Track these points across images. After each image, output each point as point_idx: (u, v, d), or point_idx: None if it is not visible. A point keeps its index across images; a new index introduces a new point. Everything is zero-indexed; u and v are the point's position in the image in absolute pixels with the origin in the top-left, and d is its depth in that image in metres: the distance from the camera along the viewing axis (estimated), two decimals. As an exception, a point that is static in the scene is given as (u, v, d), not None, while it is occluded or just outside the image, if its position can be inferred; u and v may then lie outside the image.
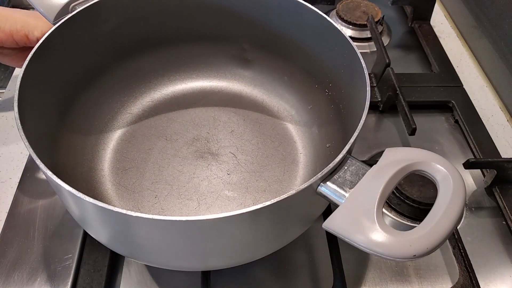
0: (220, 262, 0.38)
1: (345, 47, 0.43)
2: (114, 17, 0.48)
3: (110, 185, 0.48)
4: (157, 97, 0.56)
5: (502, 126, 0.61)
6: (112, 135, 0.52)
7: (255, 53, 0.55)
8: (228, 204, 0.47)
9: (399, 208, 0.48)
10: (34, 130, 0.37)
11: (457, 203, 0.31)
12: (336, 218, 0.31)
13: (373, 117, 0.60)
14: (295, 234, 0.40)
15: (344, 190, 0.33)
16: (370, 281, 0.45)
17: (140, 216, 0.29)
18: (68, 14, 0.44)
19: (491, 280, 0.45)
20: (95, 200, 0.30)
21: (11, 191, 0.50)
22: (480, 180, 0.54)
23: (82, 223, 0.38)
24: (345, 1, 0.73)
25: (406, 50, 0.71)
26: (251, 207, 0.30)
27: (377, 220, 0.30)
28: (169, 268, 0.42)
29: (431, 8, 0.73)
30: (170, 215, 0.45)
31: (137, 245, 0.36)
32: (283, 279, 0.45)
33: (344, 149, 0.34)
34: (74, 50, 0.46)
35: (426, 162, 0.33)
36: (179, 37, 0.54)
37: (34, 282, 0.43)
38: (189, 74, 0.57)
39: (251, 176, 0.49)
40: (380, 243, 0.29)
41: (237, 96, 0.57)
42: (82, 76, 0.48)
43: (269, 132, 0.53)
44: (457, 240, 0.46)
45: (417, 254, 0.29)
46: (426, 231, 0.30)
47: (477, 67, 0.70)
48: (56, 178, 0.31)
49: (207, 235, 0.33)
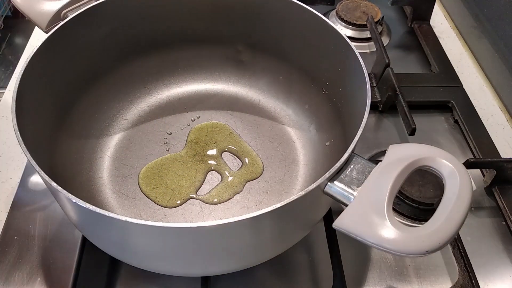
0: (222, 268, 0.38)
1: (341, 45, 0.43)
2: (107, 23, 0.48)
3: (110, 193, 0.47)
4: (152, 102, 0.56)
5: (501, 126, 0.61)
6: (109, 142, 0.51)
7: (249, 54, 0.55)
8: (231, 207, 0.47)
9: (399, 208, 0.48)
10: (32, 140, 0.36)
11: (465, 198, 0.31)
12: (346, 217, 0.31)
13: (373, 117, 0.60)
14: (298, 237, 0.40)
15: (352, 189, 0.33)
16: (370, 281, 0.45)
17: (143, 224, 0.29)
18: (61, 21, 0.43)
19: (490, 280, 0.45)
20: (97, 208, 0.29)
21: (12, 191, 0.50)
22: (479, 180, 0.54)
23: (83, 231, 0.38)
24: (344, 1, 0.73)
25: (405, 50, 0.71)
26: (263, 209, 0.30)
27: (388, 217, 0.30)
28: (170, 274, 0.42)
29: (431, 8, 0.73)
30: (173, 221, 0.45)
31: (138, 252, 0.36)
32: (283, 279, 0.45)
33: (349, 148, 0.34)
34: (68, 56, 0.45)
35: (432, 158, 0.33)
36: (173, 40, 0.54)
37: (34, 282, 0.43)
38: (184, 77, 0.57)
39: (252, 177, 0.49)
40: (392, 240, 0.29)
41: (233, 98, 0.57)
42: (76, 82, 0.48)
43: (267, 133, 0.53)
44: (456, 240, 0.46)
45: (430, 249, 0.29)
46: (437, 226, 0.30)
47: (476, 67, 0.70)
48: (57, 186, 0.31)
49: (212, 241, 0.32)
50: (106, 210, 0.29)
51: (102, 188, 0.48)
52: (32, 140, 0.36)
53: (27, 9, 0.45)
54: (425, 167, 0.33)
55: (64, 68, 0.45)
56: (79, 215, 0.34)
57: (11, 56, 1.40)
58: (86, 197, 0.45)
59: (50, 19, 0.45)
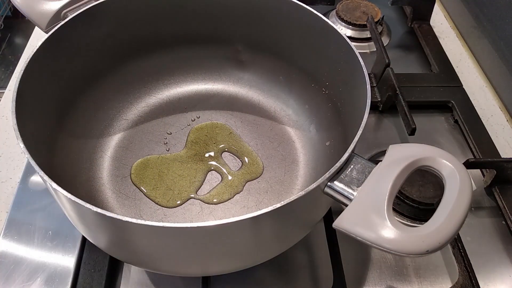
0: (222, 268, 0.38)
1: (341, 45, 0.43)
2: (107, 23, 0.48)
3: (110, 193, 0.47)
4: (152, 102, 0.56)
5: (501, 126, 0.61)
6: (109, 142, 0.51)
7: (249, 54, 0.55)
8: (231, 207, 0.47)
9: (399, 208, 0.48)
10: (32, 140, 0.36)
11: (465, 197, 0.31)
12: (346, 217, 0.31)
13: (373, 117, 0.60)
14: (298, 237, 0.40)
15: (352, 189, 0.33)
16: (370, 281, 0.45)
17: (143, 224, 0.29)
18: (60, 22, 0.43)
19: (490, 280, 0.45)
20: (97, 208, 0.29)
21: (12, 191, 0.50)
22: (479, 180, 0.54)
23: (83, 231, 0.38)
24: (344, 1, 0.73)
25: (405, 50, 0.71)
26: (263, 209, 0.30)
27: (388, 217, 0.30)
28: (170, 274, 0.42)
29: (431, 8, 0.73)
30: (173, 221, 0.45)
31: (138, 252, 0.36)
32: (283, 279, 0.45)
33: (349, 148, 0.34)
34: (68, 56, 0.45)
35: (432, 158, 0.33)
36: (172, 40, 0.54)
37: (34, 282, 0.43)
38: (184, 77, 0.57)
39: (252, 177, 0.49)
40: (392, 240, 0.29)
41: (233, 98, 0.57)
42: (76, 82, 0.48)
43: (267, 133, 0.53)
44: (456, 240, 0.46)
45: (430, 249, 0.29)
46: (437, 226, 0.30)
47: (476, 67, 0.70)
48: (57, 186, 0.31)
49: (212, 241, 0.32)
50: (106, 210, 0.29)
51: (102, 188, 0.48)
52: (32, 140, 0.36)
53: (27, 9, 0.45)
54: (425, 167, 0.33)
55: (64, 68, 0.45)
56: (79, 215, 0.34)
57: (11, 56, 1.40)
58: (86, 197, 0.45)
59: (50, 19, 0.45)
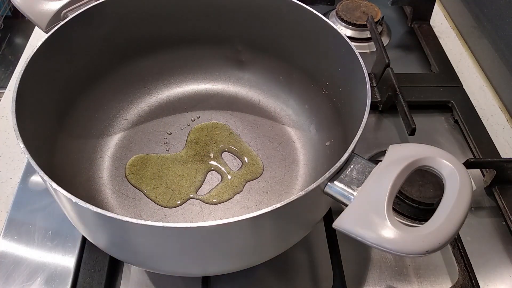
0: (222, 268, 0.38)
1: (342, 45, 0.43)
2: (107, 23, 0.48)
3: (110, 193, 0.47)
4: (152, 102, 0.56)
5: (501, 126, 0.61)
6: (109, 142, 0.51)
7: (249, 54, 0.55)
8: (231, 207, 0.47)
9: (399, 208, 0.48)
10: (32, 140, 0.36)
11: (465, 197, 0.31)
12: (346, 217, 0.31)
13: (373, 117, 0.60)
14: (298, 237, 0.40)
15: (352, 189, 0.33)
16: (370, 281, 0.45)
17: (143, 224, 0.29)
18: (60, 21, 0.43)
19: (490, 280, 0.45)
20: (97, 208, 0.29)
21: (11, 191, 0.50)
22: (479, 180, 0.54)
23: (82, 231, 0.38)
24: (344, 2, 0.73)
25: (405, 50, 0.71)
26: (263, 209, 0.30)
27: (388, 217, 0.30)
28: (170, 274, 0.42)
29: (431, 8, 0.73)
30: (173, 221, 0.45)
31: (138, 252, 0.36)
32: (283, 279, 0.45)
33: (349, 148, 0.34)
34: (68, 56, 0.45)
35: (432, 158, 0.33)
36: (172, 40, 0.54)
37: (34, 282, 0.43)
38: (184, 77, 0.57)
39: (252, 177, 0.49)
40: (392, 240, 0.29)
41: (233, 98, 0.57)
42: (76, 82, 0.48)
43: (267, 133, 0.53)
44: (456, 240, 0.46)
45: (430, 249, 0.29)
46: (437, 226, 0.30)
47: (476, 67, 0.70)
48: (57, 186, 0.31)
49: (212, 241, 0.32)
50: (106, 210, 0.29)
51: (102, 188, 0.48)
52: (32, 140, 0.36)
53: (27, 9, 0.45)
54: (425, 167, 0.33)
55: (64, 68, 0.45)
56: (79, 215, 0.34)
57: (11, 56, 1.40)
58: (86, 197, 0.45)
59: (50, 19, 0.45)
